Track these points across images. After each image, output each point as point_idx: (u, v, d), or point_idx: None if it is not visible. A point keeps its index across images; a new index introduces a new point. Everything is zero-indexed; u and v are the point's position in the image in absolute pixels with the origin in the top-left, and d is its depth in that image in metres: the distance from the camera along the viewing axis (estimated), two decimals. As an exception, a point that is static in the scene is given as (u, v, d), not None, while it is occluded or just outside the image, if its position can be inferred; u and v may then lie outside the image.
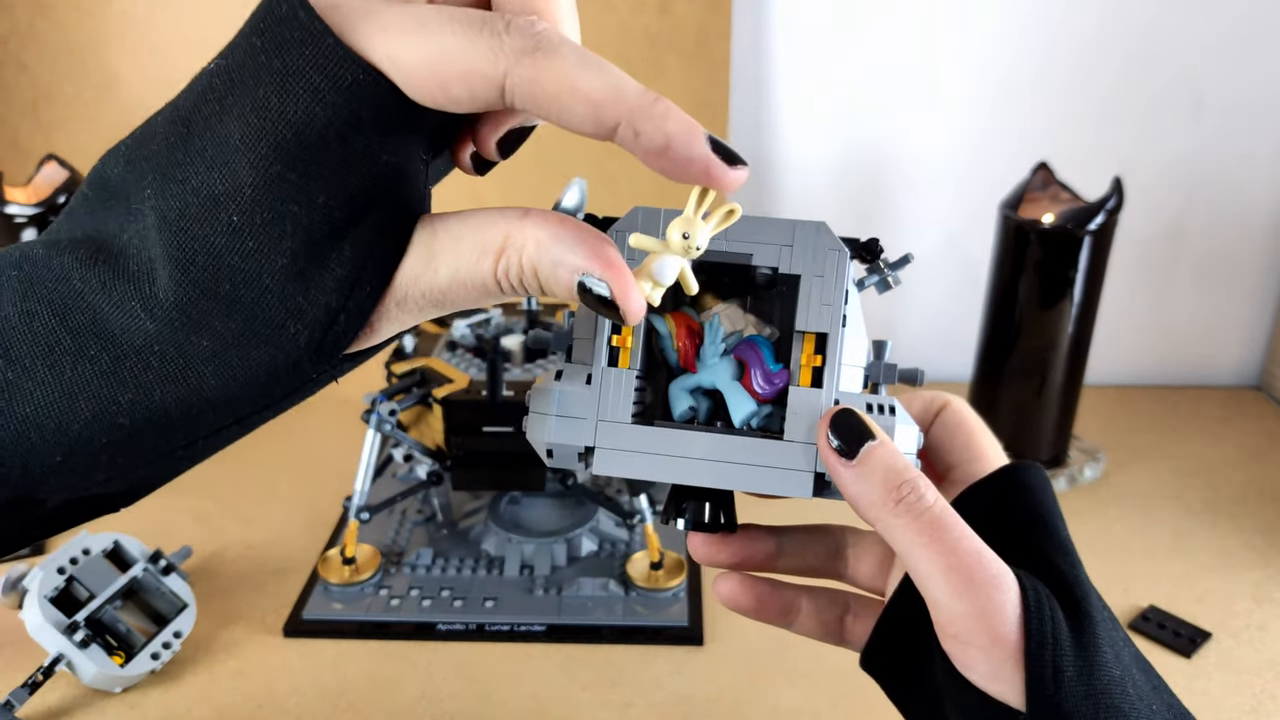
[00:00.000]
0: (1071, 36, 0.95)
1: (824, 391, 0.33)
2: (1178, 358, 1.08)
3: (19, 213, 0.81)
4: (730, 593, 0.38)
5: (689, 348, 0.35)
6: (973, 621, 0.30)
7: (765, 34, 0.96)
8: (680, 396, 0.35)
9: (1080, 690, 0.30)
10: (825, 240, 0.34)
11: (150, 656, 0.63)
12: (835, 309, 0.34)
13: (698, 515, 0.36)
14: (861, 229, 1.02)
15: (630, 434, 0.34)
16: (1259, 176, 1.00)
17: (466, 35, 0.25)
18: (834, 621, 0.39)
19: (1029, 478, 0.36)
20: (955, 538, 0.31)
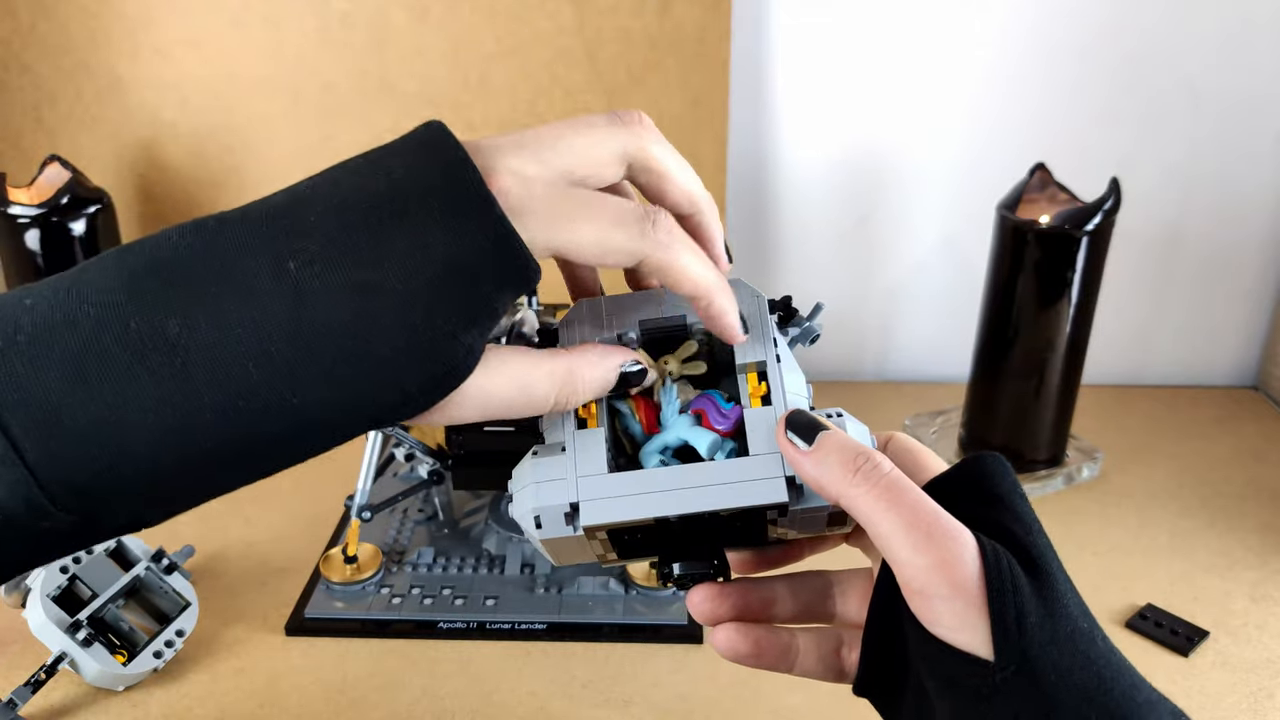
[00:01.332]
0: (1069, 38, 0.95)
1: (774, 407, 0.37)
2: (1175, 358, 1.08)
3: (22, 214, 0.81)
4: (728, 641, 0.40)
5: (649, 417, 0.39)
6: (934, 573, 0.32)
7: (765, 35, 0.96)
8: (650, 457, 0.38)
9: (1045, 636, 0.31)
10: (743, 290, 0.38)
11: (153, 655, 0.63)
12: (766, 340, 0.38)
13: (690, 569, 0.38)
14: (861, 230, 1.03)
15: (610, 482, 0.36)
16: (1256, 177, 1.00)
17: (625, 230, 0.33)
18: (831, 655, 0.41)
19: (987, 464, 0.37)
20: (913, 499, 0.33)
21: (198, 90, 0.92)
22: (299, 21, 0.90)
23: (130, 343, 0.28)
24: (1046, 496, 0.86)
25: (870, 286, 1.06)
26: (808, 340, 0.40)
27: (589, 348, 0.37)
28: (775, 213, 1.03)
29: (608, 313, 0.39)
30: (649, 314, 0.39)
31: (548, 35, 0.91)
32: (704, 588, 0.39)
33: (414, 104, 0.93)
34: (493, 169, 0.32)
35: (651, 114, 1.03)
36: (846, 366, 1.09)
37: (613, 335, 0.38)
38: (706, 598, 0.39)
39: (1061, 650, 0.31)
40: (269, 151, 0.94)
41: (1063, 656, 0.31)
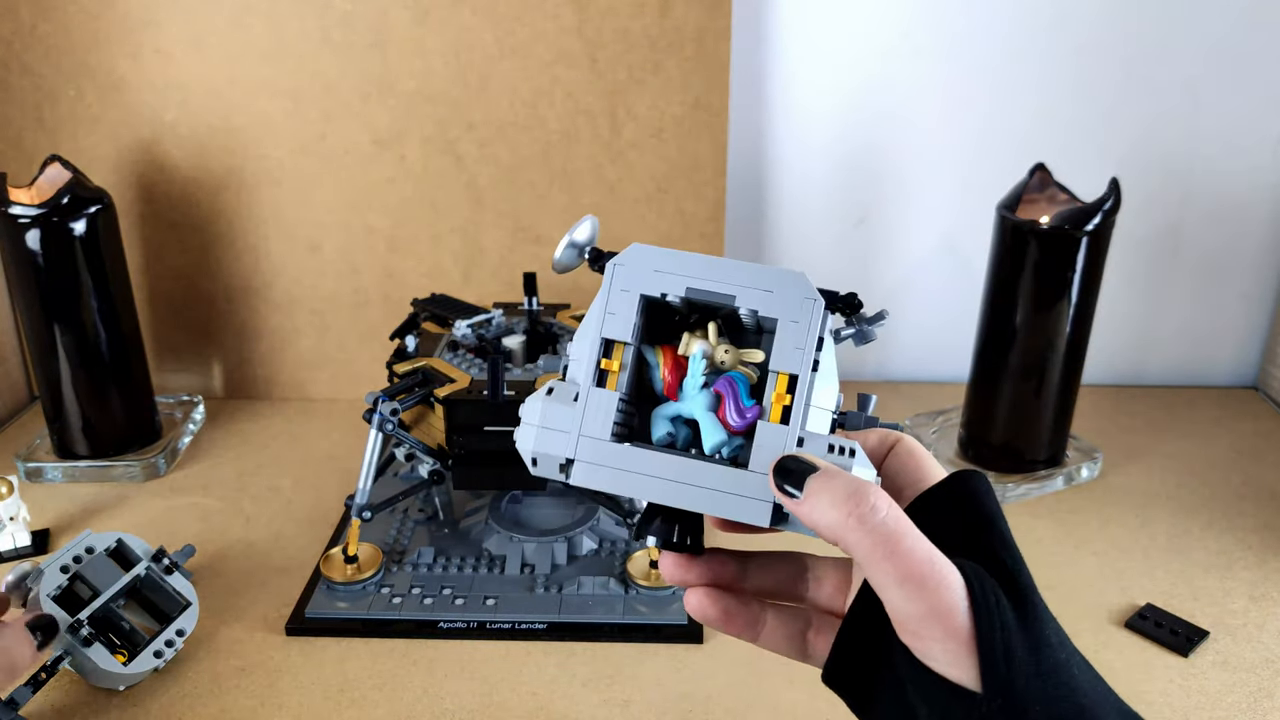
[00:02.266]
0: (1070, 38, 0.95)
1: (790, 429, 0.36)
2: (1175, 358, 1.08)
3: (22, 214, 0.81)
4: (699, 604, 0.41)
5: (673, 379, 0.38)
6: (928, 620, 0.33)
7: (765, 36, 0.96)
8: (660, 422, 0.38)
9: (1030, 669, 0.33)
10: (803, 289, 0.37)
11: (153, 654, 0.63)
12: (807, 353, 0.37)
13: (666, 534, 0.39)
14: (861, 230, 1.03)
15: (608, 451, 0.36)
16: (1255, 177, 1.00)
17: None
18: (797, 635, 0.42)
19: (974, 483, 0.39)
20: (907, 547, 0.34)
21: (198, 91, 0.93)
22: (299, 22, 0.90)
23: None
24: (1046, 496, 0.86)
25: (870, 286, 1.06)
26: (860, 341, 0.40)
27: None
28: (775, 213, 1.03)
29: (657, 266, 0.38)
30: (699, 283, 0.37)
31: (548, 36, 0.91)
32: (674, 554, 0.40)
33: (414, 104, 0.93)
34: None
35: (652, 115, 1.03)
36: (846, 366, 1.09)
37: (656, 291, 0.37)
38: (676, 562, 0.41)
39: (1045, 682, 0.33)
40: (269, 152, 0.94)
41: (1046, 688, 0.33)
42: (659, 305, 0.39)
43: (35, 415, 1.00)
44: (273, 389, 1.04)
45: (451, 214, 0.97)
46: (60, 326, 0.85)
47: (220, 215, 0.97)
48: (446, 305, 0.86)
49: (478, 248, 0.98)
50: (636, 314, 0.38)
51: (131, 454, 0.90)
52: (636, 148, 0.95)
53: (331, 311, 1.01)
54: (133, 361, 0.90)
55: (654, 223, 0.97)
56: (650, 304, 0.38)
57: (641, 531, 0.39)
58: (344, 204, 0.96)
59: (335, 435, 0.97)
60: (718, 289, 0.37)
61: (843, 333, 0.40)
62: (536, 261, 0.98)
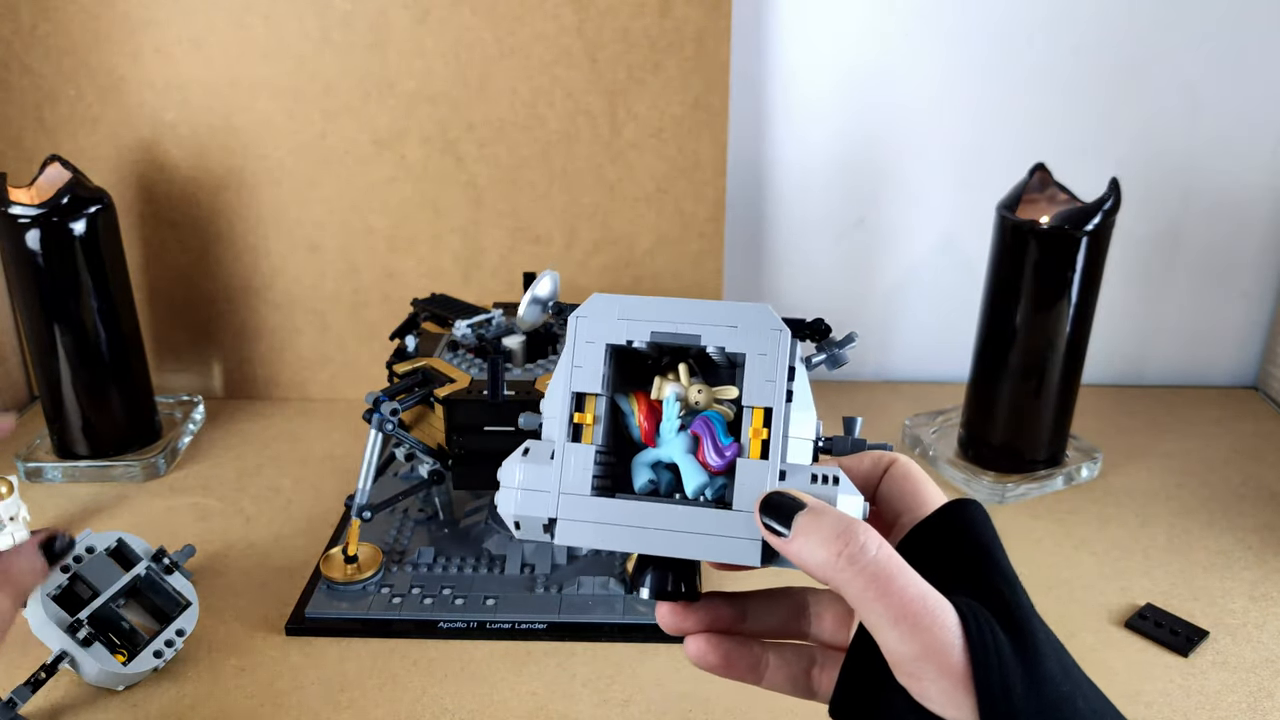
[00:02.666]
0: (1069, 38, 0.95)
1: (770, 463, 0.36)
2: (1175, 357, 1.08)
3: (22, 214, 0.81)
4: (699, 651, 0.40)
5: (649, 425, 0.38)
6: (923, 661, 0.33)
7: (765, 36, 0.96)
8: (641, 470, 0.38)
9: (1031, 705, 0.32)
10: (767, 321, 0.37)
11: (153, 654, 0.63)
12: (778, 384, 0.36)
13: (660, 584, 0.38)
14: (861, 230, 1.03)
15: (590, 505, 0.36)
16: (1255, 177, 1.00)
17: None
18: (801, 675, 0.41)
19: (969, 512, 0.38)
20: (899, 586, 0.33)
21: (198, 91, 0.93)
22: (300, 22, 0.90)
23: None
24: (1046, 496, 0.86)
25: (870, 286, 1.06)
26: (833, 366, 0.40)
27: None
28: (775, 213, 1.03)
29: (620, 314, 0.38)
30: (663, 326, 0.37)
31: (548, 36, 0.91)
32: (671, 604, 0.40)
33: (414, 104, 0.93)
34: None
35: (652, 115, 1.03)
36: (847, 367, 1.09)
37: (621, 339, 0.37)
38: (673, 612, 0.40)
39: (1047, 717, 0.32)
40: (269, 152, 0.94)
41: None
42: (628, 352, 0.38)
43: (35, 415, 1.00)
44: (273, 389, 1.04)
45: (451, 214, 0.97)
46: (60, 326, 0.85)
47: (220, 215, 0.97)
48: (446, 305, 0.86)
49: (478, 248, 0.98)
50: (604, 364, 0.37)
51: (131, 454, 0.90)
52: (636, 147, 0.95)
53: (331, 311, 1.01)
54: (132, 361, 0.90)
55: (654, 223, 0.97)
56: (619, 352, 0.38)
57: (635, 583, 0.38)
58: (344, 204, 0.96)
59: (335, 435, 0.97)
60: (682, 330, 0.37)
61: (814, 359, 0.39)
62: (536, 261, 0.98)
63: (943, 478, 0.88)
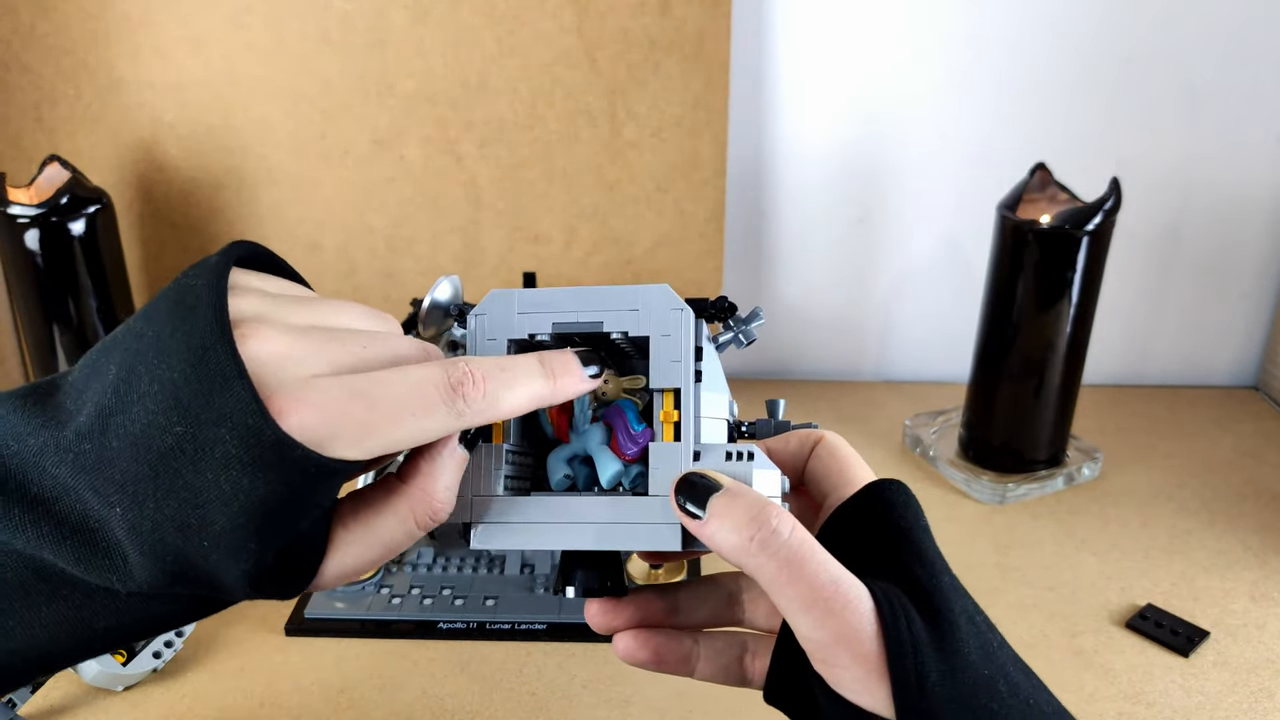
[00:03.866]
0: (1070, 38, 0.95)
1: (683, 445, 0.35)
2: (1175, 358, 1.08)
3: (21, 214, 0.81)
4: (627, 649, 0.40)
5: (561, 420, 0.38)
6: (835, 646, 0.32)
7: (765, 35, 0.96)
8: (557, 466, 0.37)
9: (947, 692, 0.31)
10: (668, 301, 0.36)
11: (152, 655, 0.63)
12: (685, 364, 0.36)
13: (586, 582, 0.38)
14: (861, 230, 1.03)
15: (504, 506, 0.35)
16: (1256, 177, 1.00)
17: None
18: (734, 663, 0.41)
19: (890, 494, 0.37)
20: (811, 571, 0.32)
21: (198, 91, 0.92)
22: (299, 22, 0.90)
23: None
24: (1046, 496, 0.86)
25: (870, 286, 1.06)
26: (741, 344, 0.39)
27: (432, 463, 0.34)
28: (775, 213, 1.03)
29: (520, 308, 0.37)
30: (564, 316, 0.37)
31: (548, 35, 0.91)
32: (599, 601, 0.39)
33: (414, 104, 0.93)
34: (281, 393, 0.29)
35: (652, 114, 1.03)
36: (846, 366, 1.09)
37: (523, 333, 0.37)
38: (602, 610, 0.39)
39: (963, 705, 0.32)
40: (269, 152, 0.94)
41: (963, 712, 0.31)
42: (533, 347, 0.38)
43: (34, 415, 1.00)
44: (272, 389, 1.04)
45: (451, 214, 0.97)
46: (59, 326, 0.85)
47: (219, 215, 0.97)
48: (446, 305, 0.86)
49: (478, 248, 0.98)
50: None
51: (131, 454, 0.90)
52: (636, 147, 0.95)
53: (331, 311, 1.01)
54: (132, 361, 0.90)
55: (654, 223, 0.97)
56: (524, 348, 0.37)
57: (560, 584, 0.38)
58: (344, 204, 0.96)
59: (335, 435, 0.97)
60: (584, 318, 0.37)
61: (721, 338, 0.39)
62: (536, 261, 0.98)
63: (943, 478, 0.88)
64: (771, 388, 1.06)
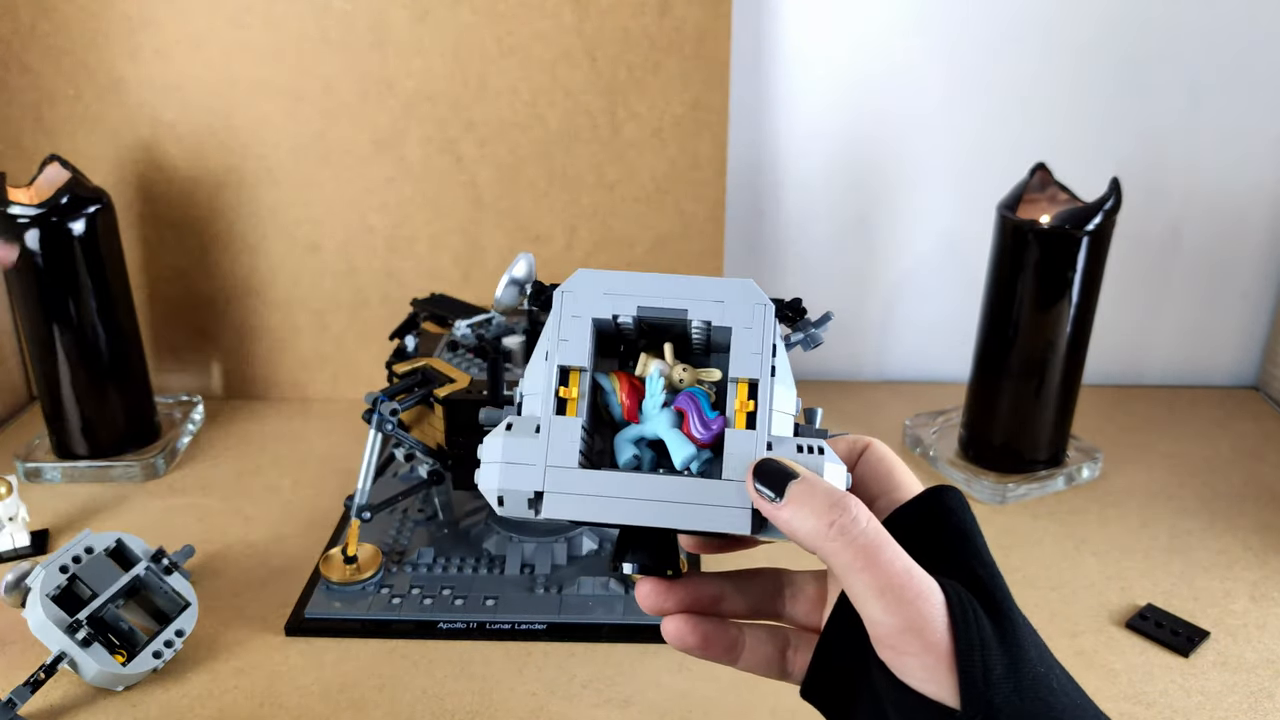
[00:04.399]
0: (1070, 38, 0.95)
1: (757, 433, 0.36)
2: (1175, 358, 1.08)
3: (21, 213, 0.81)
4: (677, 632, 0.40)
5: (632, 402, 0.38)
6: (906, 634, 0.33)
7: (765, 35, 0.96)
8: (625, 446, 0.38)
9: (1009, 686, 0.33)
10: (752, 296, 0.37)
11: (152, 655, 0.63)
12: (764, 356, 0.37)
13: (644, 560, 0.38)
14: (860, 230, 1.03)
15: (578, 478, 0.36)
16: (1255, 177, 1.00)
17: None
18: (776, 655, 0.41)
19: (949, 499, 0.38)
20: (887, 559, 0.33)
21: (198, 91, 0.92)
22: (299, 22, 0.90)
23: None
24: (1047, 496, 0.86)
25: (870, 286, 1.06)
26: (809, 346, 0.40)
27: None
28: (775, 213, 1.03)
29: (606, 289, 0.38)
30: (650, 301, 0.37)
31: (548, 35, 0.91)
32: (652, 581, 0.40)
33: (414, 104, 0.93)
34: None
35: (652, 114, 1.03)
36: (846, 366, 1.09)
37: (607, 313, 0.37)
38: (653, 591, 0.40)
39: (1024, 698, 0.33)
40: (269, 152, 0.94)
41: (1025, 703, 0.33)
42: (605, 334, 0.39)
43: (34, 415, 1.00)
44: (272, 389, 1.04)
45: (451, 214, 0.97)
46: (59, 326, 0.85)
47: (219, 215, 0.97)
48: (446, 305, 0.86)
49: (478, 248, 0.98)
50: (590, 339, 0.37)
51: (130, 454, 0.90)
52: (636, 147, 0.95)
53: (331, 311, 1.01)
54: (132, 361, 0.90)
55: (654, 223, 0.97)
56: (597, 332, 0.38)
57: (618, 559, 0.38)
58: (343, 204, 0.96)
59: (335, 435, 0.97)
60: (670, 304, 0.37)
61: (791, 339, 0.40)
62: (537, 261, 0.98)
63: (943, 478, 0.88)
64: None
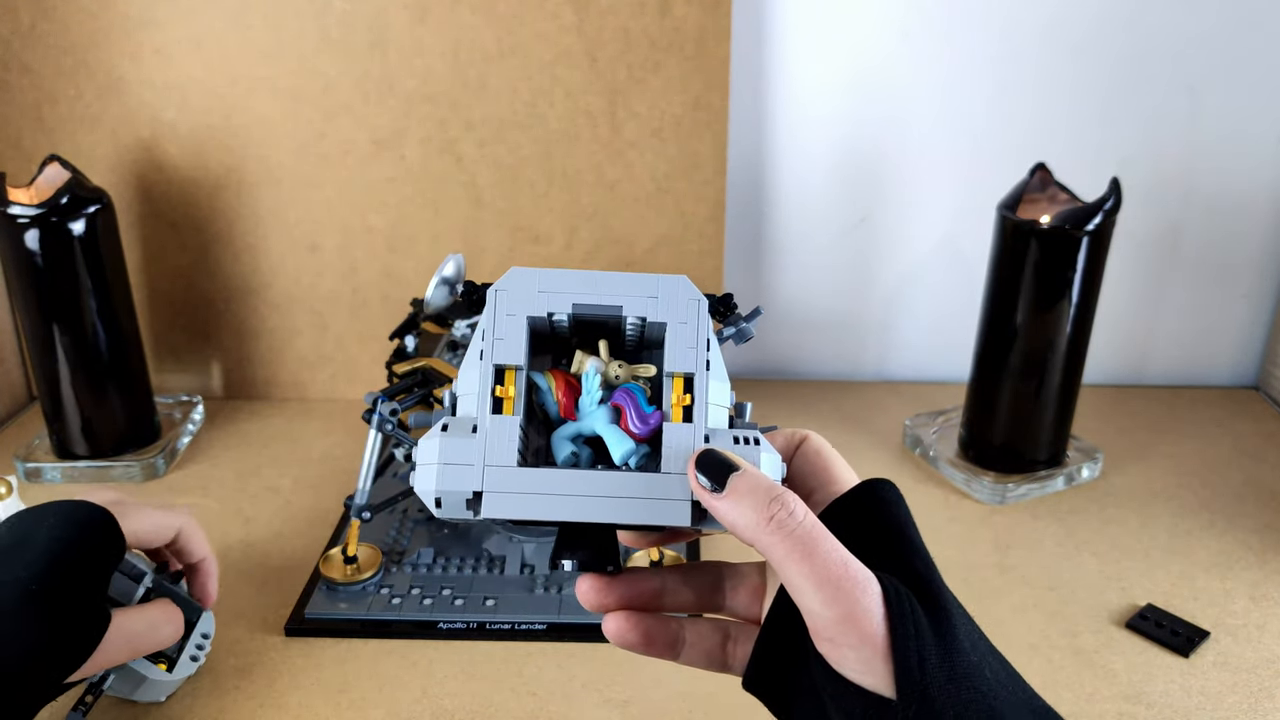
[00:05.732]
0: (1069, 38, 0.95)
1: (694, 426, 0.37)
2: (1175, 358, 1.08)
3: (21, 213, 0.81)
4: (618, 629, 0.40)
5: (568, 400, 0.39)
6: (843, 625, 0.33)
7: (765, 35, 0.96)
8: (562, 444, 0.38)
9: (943, 675, 0.33)
10: (686, 291, 0.38)
11: (190, 659, 0.62)
12: (699, 350, 0.37)
13: (583, 557, 0.38)
14: (861, 230, 1.03)
15: (517, 477, 0.36)
16: (1256, 176, 1.00)
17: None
18: (716, 649, 0.42)
19: (883, 492, 0.39)
20: (824, 551, 0.34)
21: (198, 90, 0.92)
22: (299, 22, 0.90)
23: None
24: (1047, 497, 0.86)
25: (870, 286, 1.06)
26: (740, 340, 0.41)
27: None
28: (775, 213, 1.03)
29: (541, 286, 0.38)
30: (584, 298, 0.38)
31: (548, 35, 0.91)
32: (592, 578, 0.40)
33: (414, 104, 0.93)
34: None
35: (652, 114, 1.03)
36: (846, 366, 1.09)
37: (542, 311, 0.38)
38: (594, 588, 0.40)
39: (959, 687, 0.33)
40: (269, 152, 0.94)
41: (959, 692, 0.33)
42: (538, 333, 0.39)
43: (34, 415, 1.00)
44: (272, 389, 1.04)
45: (451, 214, 0.97)
46: (59, 326, 0.85)
47: (219, 215, 0.97)
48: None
49: (478, 248, 0.98)
50: (525, 337, 0.37)
51: (130, 454, 0.90)
52: (636, 147, 0.95)
53: (331, 311, 1.01)
54: (132, 362, 0.90)
55: (654, 223, 0.97)
56: (531, 331, 0.38)
57: (556, 558, 0.38)
58: (343, 204, 0.96)
59: (335, 435, 0.97)
60: (604, 301, 0.38)
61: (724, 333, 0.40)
62: (536, 261, 0.98)
63: (943, 478, 0.88)
64: (772, 388, 1.06)
